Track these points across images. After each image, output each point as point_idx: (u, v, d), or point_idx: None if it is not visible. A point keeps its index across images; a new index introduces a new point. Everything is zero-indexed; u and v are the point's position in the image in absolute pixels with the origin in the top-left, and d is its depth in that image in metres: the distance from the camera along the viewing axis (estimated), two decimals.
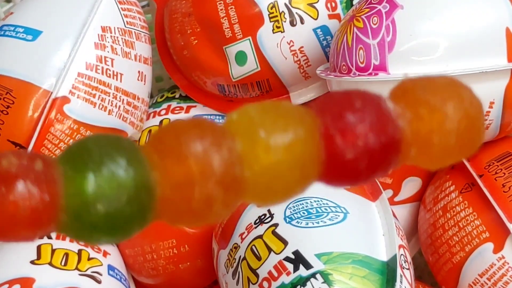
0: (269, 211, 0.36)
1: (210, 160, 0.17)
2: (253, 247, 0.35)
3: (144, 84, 0.42)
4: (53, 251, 0.39)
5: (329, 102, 0.19)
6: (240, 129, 0.18)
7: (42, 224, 0.17)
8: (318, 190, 0.33)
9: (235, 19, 0.40)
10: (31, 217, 0.16)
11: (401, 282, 0.34)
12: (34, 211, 0.16)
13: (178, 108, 0.44)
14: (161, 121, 0.44)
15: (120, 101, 0.40)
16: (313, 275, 0.33)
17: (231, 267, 0.37)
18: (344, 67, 0.37)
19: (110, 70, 0.40)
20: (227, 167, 0.18)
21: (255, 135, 0.18)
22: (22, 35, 0.39)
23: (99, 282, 0.38)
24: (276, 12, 0.40)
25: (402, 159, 0.19)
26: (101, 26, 0.39)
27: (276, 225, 0.35)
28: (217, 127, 0.18)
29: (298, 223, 0.35)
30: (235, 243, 0.36)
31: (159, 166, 0.17)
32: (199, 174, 0.17)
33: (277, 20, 0.40)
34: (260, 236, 0.35)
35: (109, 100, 0.39)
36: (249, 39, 0.40)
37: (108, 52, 0.40)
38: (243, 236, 0.36)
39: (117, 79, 0.40)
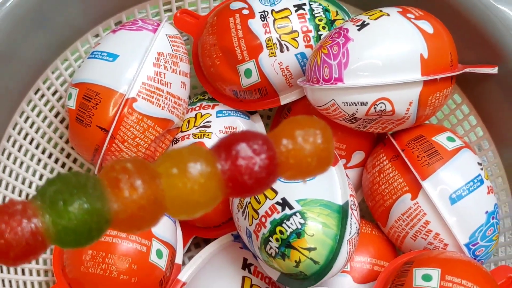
0: None
1: (143, 193, 0.17)
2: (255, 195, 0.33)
3: (185, 90, 0.42)
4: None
5: (226, 143, 0.18)
6: (161, 168, 0.18)
7: (36, 250, 0.16)
8: None
9: (244, 47, 0.40)
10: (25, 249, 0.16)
11: (351, 218, 0.35)
12: (28, 244, 0.16)
13: (206, 106, 0.43)
14: (196, 114, 0.43)
15: (169, 100, 0.40)
16: (294, 213, 0.34)
17: (241, 208, 0.37)
18: (315, 79, 0.37)
19: (163, 81, 0.40)
20: (154, 197, 0.17)
21: (171, 171, 0.17)
22: (106, 57, 0.40)
23: None
24: (271, 43, 0.39)
25: (279, 177, 0.19)
26: (157, 52, 0.40)
27: None
28: (148, 167, 0.18)
29: (284, 180, 0.33)
30: None
31: (111, 199, 0.17)
32: (134, 202, 0.17)
33: (272, 48, 0.39)
34: None
35: (162, 100, 0.39)
36: (253, 61, 0.40)
37: (162, 68, 0.40)
38: None
39: (167, 86, 0.40)
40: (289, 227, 0.34)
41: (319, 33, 0.40)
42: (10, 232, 0.16)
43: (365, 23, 0.37)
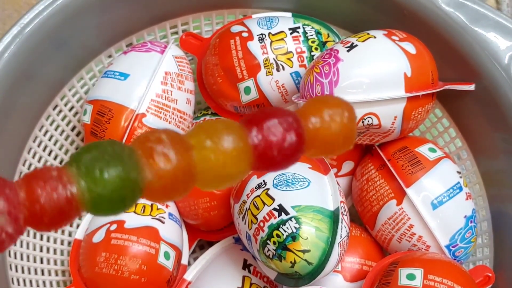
0: (263, 180, 0.36)
1: (177, 164, 0.16)
2: (254, 202, 0.36)
3: (190, 106, 0.42)
4: (136, 203, 0.36)
5: (257, 118, 0.17)
6: (195, 140, 0.17)
7: (70, 215, 0.15)
8: (293, 168, 0.36)
9: (244, 67, 0.40)
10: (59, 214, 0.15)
11: (342, 222, 0.35)
12: (62, 209, 0.15)
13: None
14: None
15: (176, 116, 0.40)
16: (290, 219, 0.34)
17: (241, 214, 0.37)
18: (308, 95, 0.37)
19: (170, 97, 0.40)
20: (187, 168, 0.16)
21: (205, 144, 0.17)
22: (118, 76, 0.40)
23: (163, 222, 0.39)
24: (268, 63, 0.39)
25: (303, 153, 0.18)
26: (165, 71, 0.40)
27: (268, 189, 0.36)
28: (181, 139, 0.17)
29: (281, 187, 0.35)
30: (244, 200, 0.37)
31: (146, 169, 0.16)
32: (167, 173, 0.16)
33: (269, 68, 0.40)
34: (258, 195, 0.36)
35: (169, 115, 0.40)
36: (252, 79, 0.40)
37: (169, 86, 0.40)
38: (248, 195, 0.36)
39: (174, 103, 0.40)
40: (285, 231, 0.34)
41: (312, 53, 0.40)
42: (45, 197, 0.15)
43: (354, 44, 0.37)
